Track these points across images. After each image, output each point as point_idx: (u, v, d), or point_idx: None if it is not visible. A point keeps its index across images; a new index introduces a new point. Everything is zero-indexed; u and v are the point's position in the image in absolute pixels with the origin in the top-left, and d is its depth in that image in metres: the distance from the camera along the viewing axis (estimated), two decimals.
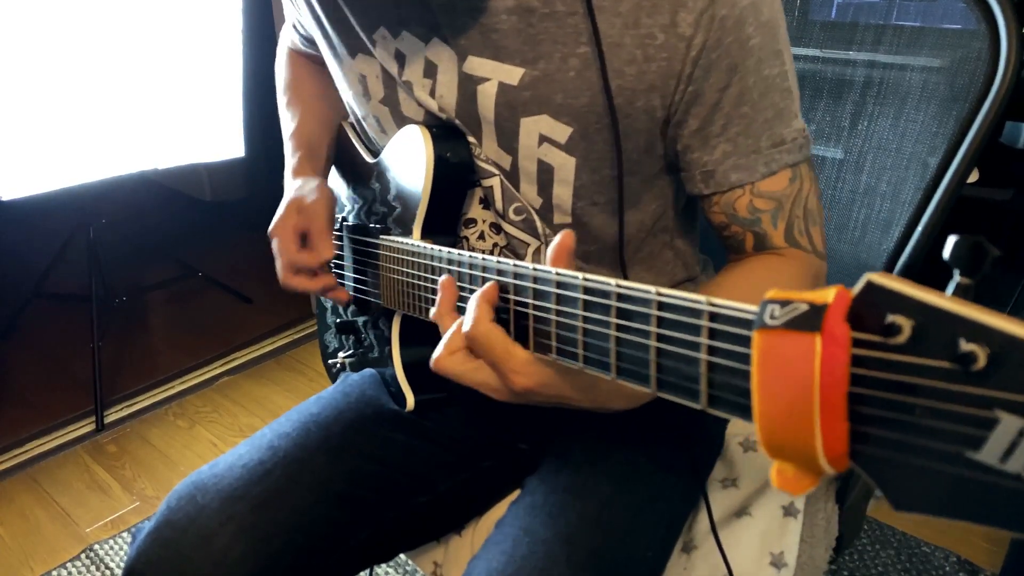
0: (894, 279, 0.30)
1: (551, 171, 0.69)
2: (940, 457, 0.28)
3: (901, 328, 0.29)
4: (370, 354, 0.85)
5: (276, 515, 0.69)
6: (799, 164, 0.66)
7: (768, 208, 0.66)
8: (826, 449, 0.32)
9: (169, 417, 1.95)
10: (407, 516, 0.78)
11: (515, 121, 0.67)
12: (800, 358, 0.32)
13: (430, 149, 0.70)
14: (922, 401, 0.29)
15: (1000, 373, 0.27)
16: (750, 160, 0.64)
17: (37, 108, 1.61)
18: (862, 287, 0.31)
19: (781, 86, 0.64)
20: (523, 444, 0.83)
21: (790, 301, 0.33)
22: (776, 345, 0.33)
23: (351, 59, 0.75)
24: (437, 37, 0.68)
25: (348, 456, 0.75)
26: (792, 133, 0.65)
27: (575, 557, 0.63)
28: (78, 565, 1.50)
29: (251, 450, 0.74)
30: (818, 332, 0.31)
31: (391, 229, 0.77)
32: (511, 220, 0.73)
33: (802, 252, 0.68)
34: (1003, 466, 0.27)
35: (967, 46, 0.78)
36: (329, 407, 0.80)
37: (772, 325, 0.33)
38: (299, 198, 0.78)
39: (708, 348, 0.38)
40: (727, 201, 0.66)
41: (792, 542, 0.76)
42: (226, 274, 2.47)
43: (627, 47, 0.61)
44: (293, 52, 0.99)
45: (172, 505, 0.70)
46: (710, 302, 0.38)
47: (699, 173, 0.66)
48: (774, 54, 0.62)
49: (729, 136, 0.64)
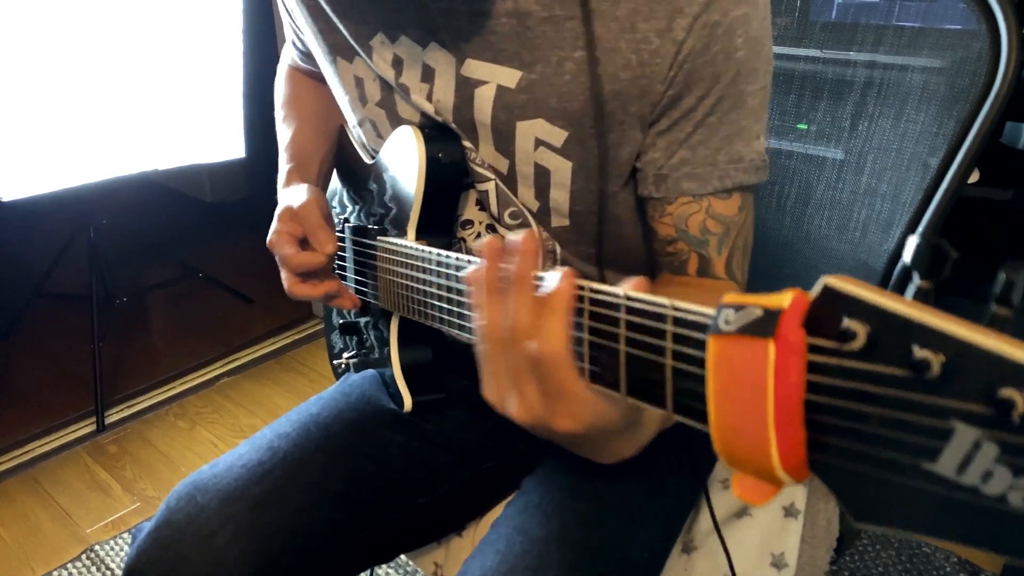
0: (851, 282, 0.29)
1: (548, 175, 0.69)
2: (897, 468, 0.27)
3: (856, 334, 0.28)
4: (371, 355, 0.85)
5: (276, 515, 0.69)
6: (750, 191, 0.66)
7: (717, 232, 0.66)
8: (782, 459, 0.31)
9: (170, 418, 1.95)
10: (407, 517, 0.78)
11: (511, 124, 0.67)
12: (754, 365, 0.31)
13: (422, 150, 0.70)
14: (877, 410, 0.28)
15: (955, 381, 0.26)
16: (705, 171, 0.65)
17: (38, 109, 1.61)
18: (819, 291, 0.30)
19: (751, 104, 0.64)
20: (522, 445, 0.83)
21: (744, 306, 0.32)
22: (730, 351, 0.32)
23: (348, 63, 0.75)
24: (435, 41, 0.68)
25: (348, 457, 0.75)
26: (751, 154, 0.65)
27: (569, 557, 0.63)
28: (79, 566, 1.50)
29: (251, 450, 0.74)
30: (772, 338, 0.30)
31: (388, 230, 0.78)
32: (507, 224, 0.73)
33: (735, 286, 0.68)
34: (959, 478, 0.26)
35: (967, 46, 0.78)
36: (329, 407, 0.80)
37: (726, 331, 0.32)
38: (288, 206, 0.77)
39: (673, 353, 0.37)
40: (680, 215, 0.66)
41: (793, 542, 0.76)
42: (227, 274, 2.47)
43: (622, 51, 0.62)
44: (292, 70, 0.99)
45: (172, 505, 0.70)
46: (674, 306, 0.37)
47: (652, 175, 0.66)
48: (753, 71, 0.63)
49: (691, 144, 0.64)
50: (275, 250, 0.77)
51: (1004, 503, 0.25)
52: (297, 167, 0.85)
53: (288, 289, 0.78)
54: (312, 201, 0.76)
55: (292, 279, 0.78)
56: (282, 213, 0.78)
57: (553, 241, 0.73)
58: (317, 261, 0.75)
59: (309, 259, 0.76)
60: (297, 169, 0.85)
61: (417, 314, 0.69)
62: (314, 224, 0.75)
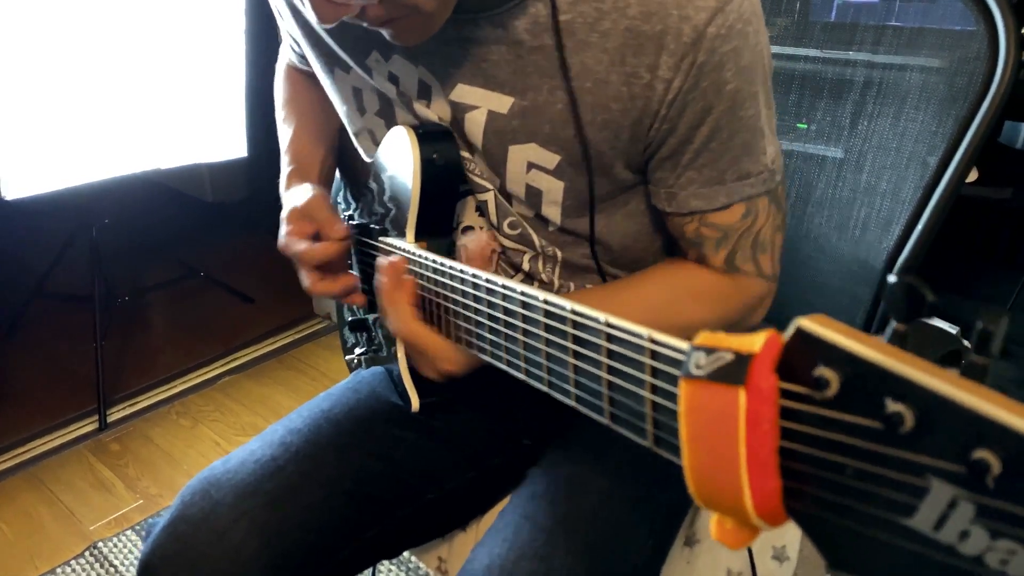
0: (827, 325, 0.28)
1: (540, 194, 0.69)
2: (873, 522, 0.26)
3: (829, 382, 0.27)
4: (380, 352, 0.86)
5: (289, 511, 0.70)
6: (756, 198, 0.67)
7: (713, 236, 0.68)
8: (756, 506, 0.30)
9: (172, 416, 1.96)
10: (415, 513, 0.78)
11: (503, 148, 0.68)
12: (724, 412, 0.30)
13: (416, 151, 0.69)
14: (852, 462, 0.27)
15: (929, 437, 0.25)
16: (712, 191, 0.66)
17: (40, 108, 1.62)
18: (792, 334, 0.29)
19: (753, 126, 0.64)
20: (527, 440, 0.84)
21: (715, 349, 0.31)
22: (701, 396, 0.31)
23: (345, 73, 0.75)
24: (423, 65, 0.68)
25: (358, 454, 0.76)
26: (758, 168, 0.66)
27: (575, 544, 0.64)
28: (82, 563, 1.50)
29: (263, 446, 0.75)
30: (742, 386, 0.29)
31: (388, 230, 0.78)
32: (506, 233, 0.73)
33: (742, 276, 0.70)
34: (936, 536, 0.25)
35: (966, 46, 0.78)
36: (340, 404, 0.80)
37: (697, 375, 0.31)
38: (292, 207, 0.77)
39: (651, 387, 0.36)
40: (676, 224, 0.69)
41: (794, 536, 0.77)
42: (228, 274, 2.48)
43: (614, 84, 0.62)
44: (291, 68, 0.98)
45: (186, 500, 0.70)
46: (651, 338, 0.36)
47: (664, 192, 0.68)
48: (750, 96, 0.63)
49: (696, 167, 0.65)
50: (288, 250, 0.77)
51: (981, 565, 0.24)
52: (298, 169, 0.85)
53: (310, 287, 0.78)
54: (317, 196, 0.76)
55: (312, 276, 0.77)
56: (289, 214, 0.78)
57: (553, 248, 0.74)
58: (333, 249, 0.75)
59: (325, 249, 0.75)
60: (298, 171, 0.85)
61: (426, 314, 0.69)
62: (324, 216, 0.75)
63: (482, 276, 0.55)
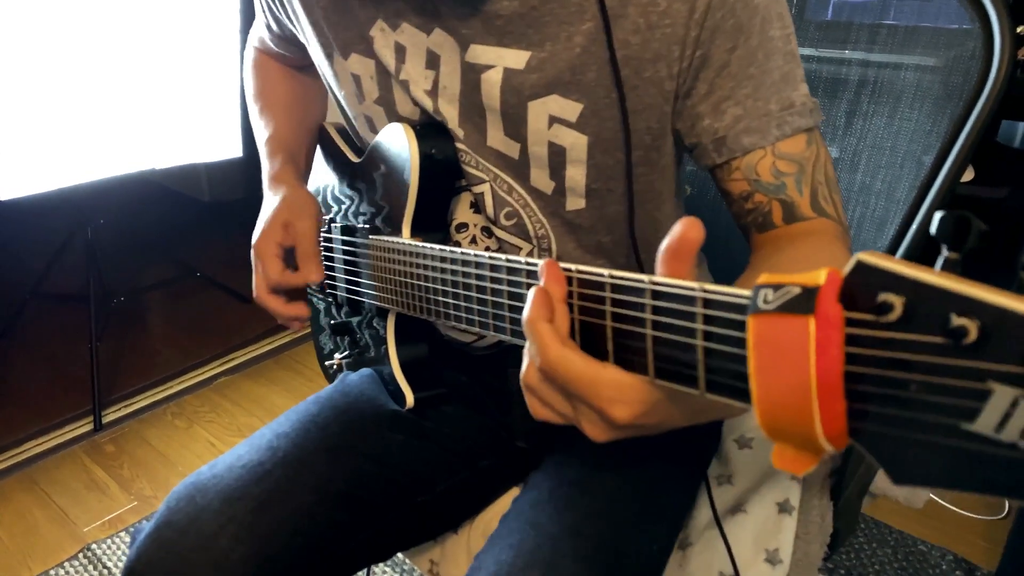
0: (884, 257, 0.30)
1: (563, 152, 0.68)
2: (936, 430, 0.29)
3: (893, 306, 0.29)
4: (366, 354, 0.85)
5: (277, 516, 0.69)
6: (812, 129, 0.64)
7: (791, 171, 0.63)
8: (825, 429, 0.32)
9: (167, 417, 1.95)
10: (406, 516, 0.78)
11: (522, 106, 0.67)
12: (795, 341, 0.32)
13: (415, 147, 0.70)
14: (916, 376, 0.29)
15: (991, 345, 0.27)
16: (762, 123, 0.63)
17: (35, 108, 1.61)
18: (852, 266, 0.31)
19: (785, 49, 0.63)
20: (521, 442, 0.83)
21: (782, 285, 0.33)
22: (770, 329, 0.33)
23: (344, 59, 0.75)
24: (439, 27, 0.68)
25: (348, 456, 0.75)
26: (800, 97, 0.64)
27: (582, 550, 0.63)
28: (76, 565, 1.50)
29: (250, 450, 0.74)
30: (811, 314, 0.32)
31: (380, 229, 0.78)
32: (503, 225, 0.73)
33: (831, 222, 0.64)
34: (998, 435, 0.27)
35: (961, 45, 0.78)
36: (328, 407, 0.80)
37: (765, 309, 0.33)
38: (287, 212, 0.77)
39: (704, 334, 0.38)
40: (748, 164, 0.64)
41: (787, 539, 0.77)
42: (224, 274, 2.47)
43: (631, 17, 0.61)
44: (262, 56, 0.97)
45: (172, 506, 0.69)
46: (703, 288, 0.38)
47: (711, 143, 0.64)
48: (777, 16, 0.62)
49: (738, 99, 0.63)
50: (259, 252, 0.77)
51: None
52: (287, 160, 0.85)
53: (257, 296, 0.79)
54: (311, 221, 0.76)
55: (264, 288, 0.78)
56: (276, 215, 0.77)
57: (549, 239, 0.73)
58: (298, 283, 0.76)
59: (290, 280, 0.76)
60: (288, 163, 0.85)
61: (419, 310, 0.69)
62: (308, 248, 0.75)
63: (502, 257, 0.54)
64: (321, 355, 0.98)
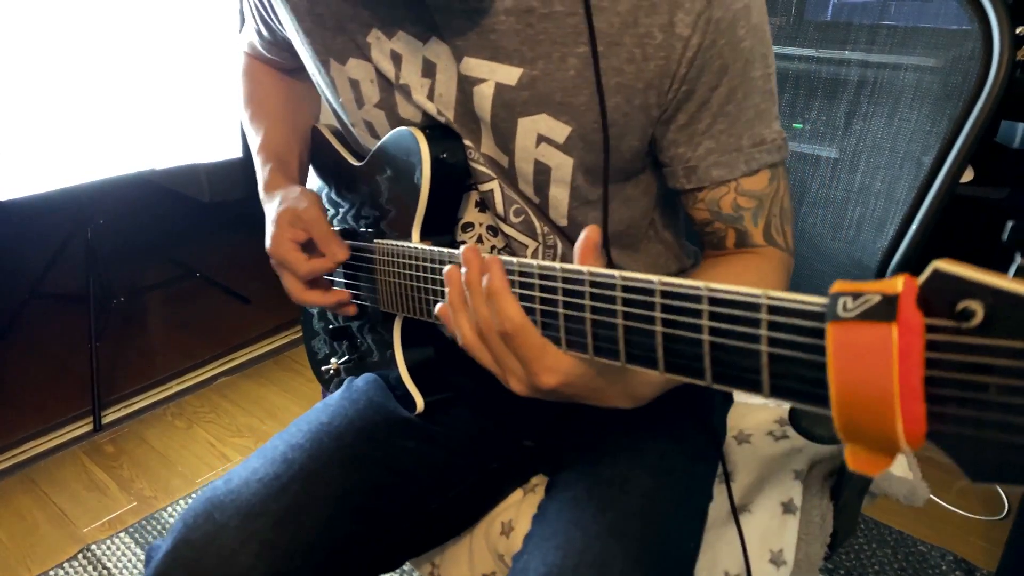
0: (959, 265, 0.32)
1: (548, 172, 0.69)
2: (1016, 430, 0.30)
3: (974, 312, 0.31)
4: (369, 358, 0.85)
5: (297, 531, 0.68)
6: (777, 165, 0.68)
7: (750, 206, 0.68)
8: (906, 432, 0.33)
9: (167, 417, 1.95)
10: (421, 523, 0.77)
11: (512, 122, 0.67)
12: (878, 347, 0.33)
13: (427, 151, 0.69)
14: (997, 380, 0.31)
15: None
16: (731, 158, 0.66)
17: (35, 108, 1.61)
18: (928, 275, 0.32)
19: (764, 88, 0.66)
20: (528, 441, 0.83)
21: (861, 293, 0.34)
22: (852, 336, 0.34)
23: (341, 65, 0.74)
24: (435, 36, 0.68)
25: (363, 467, 0.74)
26: (772, 134, 0.67)
27: (631, 551, 0.63)
28: (75, 565, 1.50)
29: (265, 463, 0.72)
30: (893, 322, 0.33)
31: (385, 232, 0.77)
32: (511, 222, 0.73)
33: (777, 250, 0.70)
34: None
35: (960, 45, 0.78)
36: (339, 416, 0.78)
37: (846, 317, 0.34)
38: (289, 209, 0.76)
39: (769, 340, 0.39)
40: (712, 198, 0.68)
41: (791, 539, 0.77)
42: (224, 274, 2.47)
43: (626, 46, 0.62)
44: (252, 61, 0.97)
45: (189, 523, 0.68)
46: (767, 296, 0.39)
47: (682, 168, 0.68)
48: (761, 57, 0.65)
49: (713, 134, 0.66)
50: (278, 255, 0.76)
51: None
52: (278, 167, 0.84)
53: (297, 296, 0.78)
54: (315, 207, 0.76)
55: (300, 286, 0.77)
56: (281, 216, 0.77)
57: (554, 236, 0.73)
58: (329, 267, 0.75)
59: (321, 265, 0.75)
60: (278, 170, 0.84)
61: (427, 314, 0.69)
62: (324, 231, 0.75)
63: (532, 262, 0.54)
64: (315, 360, 0.97)
